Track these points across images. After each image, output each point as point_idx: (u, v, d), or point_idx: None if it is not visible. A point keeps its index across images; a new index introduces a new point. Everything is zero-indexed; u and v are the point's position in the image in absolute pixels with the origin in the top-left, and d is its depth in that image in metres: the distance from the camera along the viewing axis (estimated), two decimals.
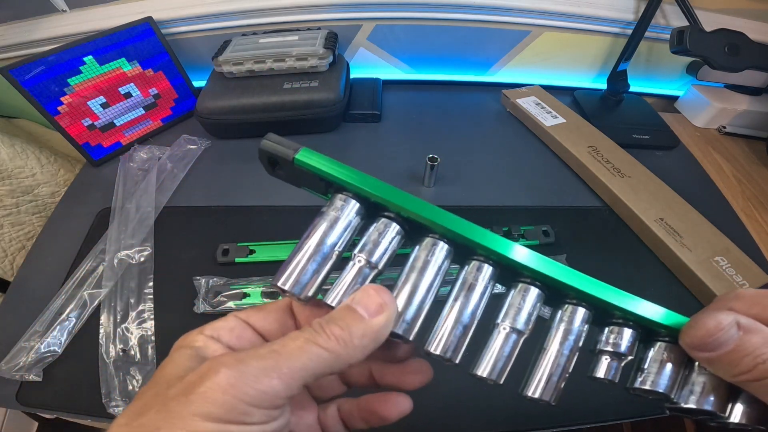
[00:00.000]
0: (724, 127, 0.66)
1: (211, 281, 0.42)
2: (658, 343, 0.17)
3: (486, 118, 0.66)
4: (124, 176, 0.53)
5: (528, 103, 0.64)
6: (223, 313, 0.40)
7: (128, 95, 0.57)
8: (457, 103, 0.69)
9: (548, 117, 0.62)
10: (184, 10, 0.59)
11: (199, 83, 0.64)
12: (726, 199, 0.55)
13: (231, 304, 0.40)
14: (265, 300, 0.41)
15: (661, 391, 0.17)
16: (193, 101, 0.63)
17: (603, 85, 0.67)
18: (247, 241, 0.46)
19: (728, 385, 0.16)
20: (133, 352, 0.38)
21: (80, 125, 0.54)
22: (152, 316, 0.40)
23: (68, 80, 0.51)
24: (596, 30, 0.64)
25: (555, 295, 0.18)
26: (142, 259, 0.44)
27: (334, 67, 0.60)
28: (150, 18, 0.55)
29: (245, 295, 0.41)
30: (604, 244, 0.48)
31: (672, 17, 0.61)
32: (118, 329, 0.39)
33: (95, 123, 0.55)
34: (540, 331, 0.19)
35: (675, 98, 0.73)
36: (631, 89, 0.65)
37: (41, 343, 0.37)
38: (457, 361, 0.17)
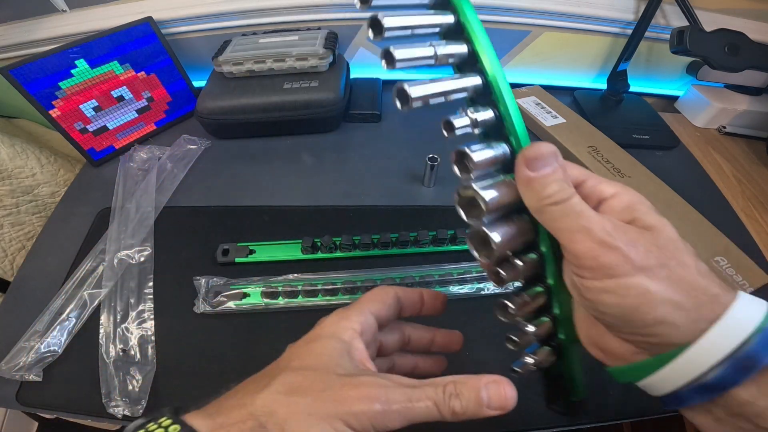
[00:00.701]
0: (724, 127, 0.66)
1: (211, 281, 0.42)
2: (503, 144, 0.20)
3: None
4: (124, 176, 0.53)
5: (528, 103, 0.64)
6: (224, 314, 0.40)
7: (120, 98, 0.56)
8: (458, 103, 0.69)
9: (548, 117, 0.62)
10: (184, 10, 0.59)
11: (199, 83, 0.64)
12: (726, 199, 0.55)
13: (231, 304, 0.40)
14: (265, 300, 0.41)
15: (473, 172, 0.20)
16: (192, 102, 0.63)
17: (603, 85, 0.67)
18: (247, 241, 0.46)
19: (509, 211, 0.20)
20: (133, 352, 0.38)
21: (73, 129, 0.53)
22: (152, 316, 0.40)
23: (59, 83, 0.50)
24: (596, 30, 0.64)
25: (471, 60, 0.21)
26: (142, 259, 0.44)
27: (334, 67, 0.60)
28: (150, 18, 0.55)
29: (245, 295, 0.41)
30: None
31: (672, 17, 0.61)
32: (118, 329, 0.39)
33: (87, 127, 0.54)
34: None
35: (675, 98, 0.73)
36: (631, 89, 0.65)
37: (41, 343, 0.37)
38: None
